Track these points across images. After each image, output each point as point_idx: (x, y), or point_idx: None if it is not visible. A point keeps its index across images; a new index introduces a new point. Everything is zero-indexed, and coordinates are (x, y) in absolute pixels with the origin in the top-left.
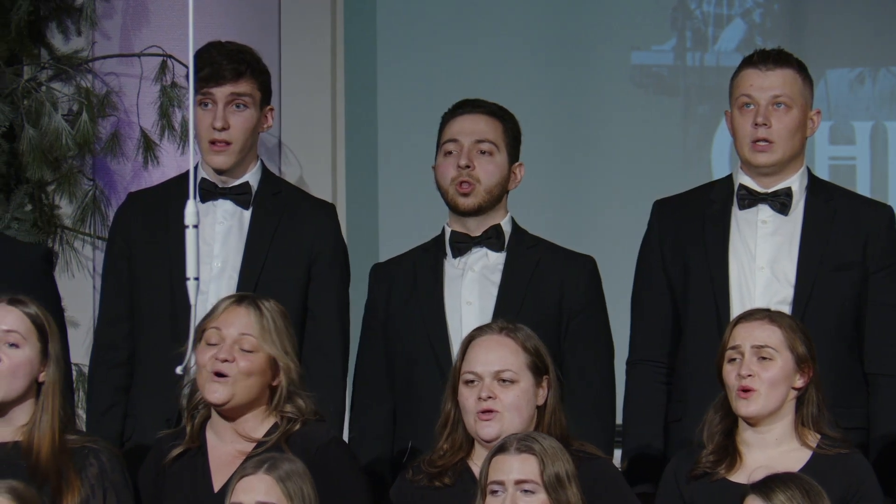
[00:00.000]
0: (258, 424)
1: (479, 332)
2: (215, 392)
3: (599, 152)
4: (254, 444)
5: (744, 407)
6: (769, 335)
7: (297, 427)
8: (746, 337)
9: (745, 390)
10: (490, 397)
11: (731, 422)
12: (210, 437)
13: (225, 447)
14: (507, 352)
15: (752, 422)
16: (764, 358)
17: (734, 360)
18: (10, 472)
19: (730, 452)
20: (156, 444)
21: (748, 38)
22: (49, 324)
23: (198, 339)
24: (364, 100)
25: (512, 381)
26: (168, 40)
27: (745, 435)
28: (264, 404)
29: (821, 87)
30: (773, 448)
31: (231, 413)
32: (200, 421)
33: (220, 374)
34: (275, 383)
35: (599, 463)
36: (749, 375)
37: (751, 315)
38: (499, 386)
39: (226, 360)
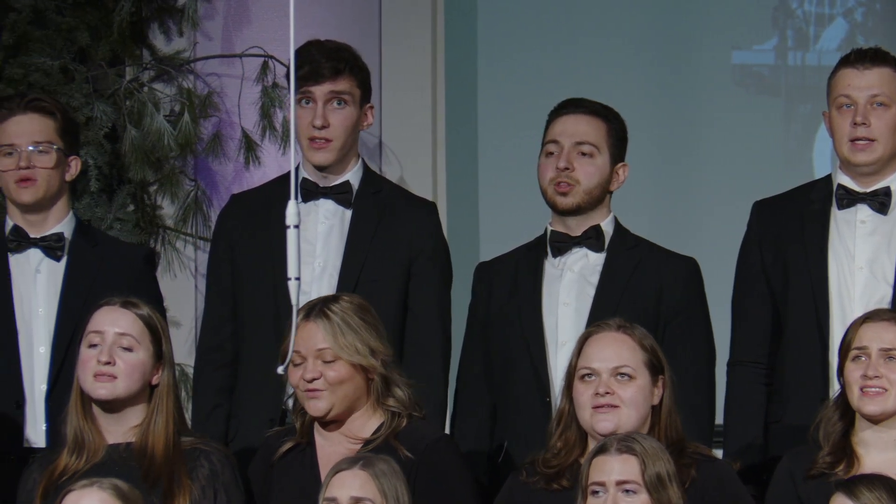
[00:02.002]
0: (365, 422)
1: (595, 328)
2: (315, 407)
3: (700, 152)
4: (361, 444)
5: (869, 405)
6: None
7: (404, 423)
8: (874, 338)
9: (871, 388)
10: (608, 392)
11: (847, 422)
12: (318, 436)
13: (333, 446)
14: (626, 348)
15: (876, 419)
16: (892, 358)
17: (859, 358)
18: (123, 473)
19: (847, 453)
20: (265, 441)
21: (850, 37)
22: (161, 325)
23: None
24: (464, 99)
25: (630, 378)
26: (269, 41)
27: (863, 435)
28: (368, 401)
29: None
30: (892, 450)
31: (336, 419)
32: (310, 419)
33: (314, 391)
34: (369, 377)
35: (716, 465)
36: (876, 377)
37: (876, 315)
38: (616, 382)
39: (314, 379)
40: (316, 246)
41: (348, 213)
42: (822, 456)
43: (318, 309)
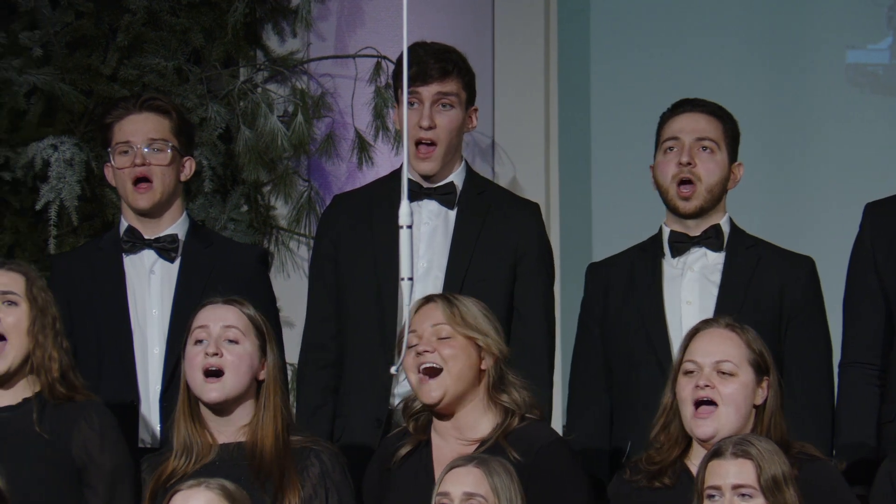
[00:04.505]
0: (478, 419)
1: (704, 324)
2: (429, 395)
3: (813, 152)
4: (475, 445)
5: None
6: None
7: (516, 422)
8: None
9: None
10: (708, 386)
11: None
12: (434, 437)
13: (448, 446)
14: (731, 344)
15: None
16: None
17: None
18: (234, 473)
19: None
20: (382, 443)
21: None
22: (265, 323)
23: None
24: (577, 100)
25: (731, 374)
26: (382, 41)
27: None
28: (480, 394)
29: None
30: None
31: (448, 409)
32: (424, 420)
33: (429, 372)
34: (483, 367)
35: (819, 465)
36: None
37: None
38: (718, 377)
39: (426, 351)
40: (420, 247)
41: (452, 213)
42: None
43: (440, 294)
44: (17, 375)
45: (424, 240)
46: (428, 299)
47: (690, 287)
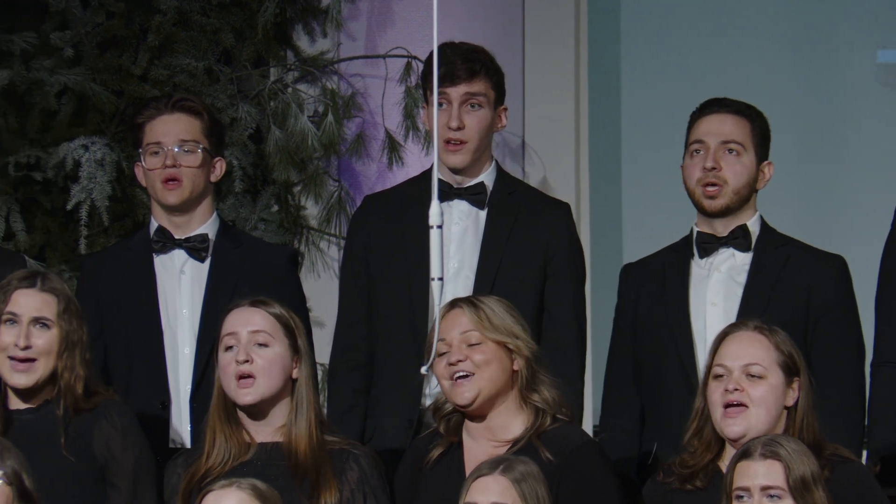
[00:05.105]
0: (510, 420)
1: (732, 328)
2: (462, 396)
3: (845, 152)
4: (507, 445)
5: None
6: None
7: (548, 423)
8: None
9: None
10: (737, 389)
11: None
12: (466, 438)
13: (480, 447)
14: (759, 347)
15: None
16: None
17: None
18: (272, 472)
19: None
20: (413, 445)
21: None
22: (294, 320)
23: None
24: (608, 99)
25: (760, 377)
26: (413, 41)
27: None
28: (512, 395)
29: None
30: None
31: (480, 411)
32: (456, 421)
33: (461, 377)
34: (515, 367)
35: (852, 466)
36: None
37: None
38: (747, 380)
39: (459, 361)
40: (450, 247)
41: (482, 214)
42: None
43: (464, 299)
44: (43, 391)
45: (455, 240)
46: (452, 304)
47: (716, 288)
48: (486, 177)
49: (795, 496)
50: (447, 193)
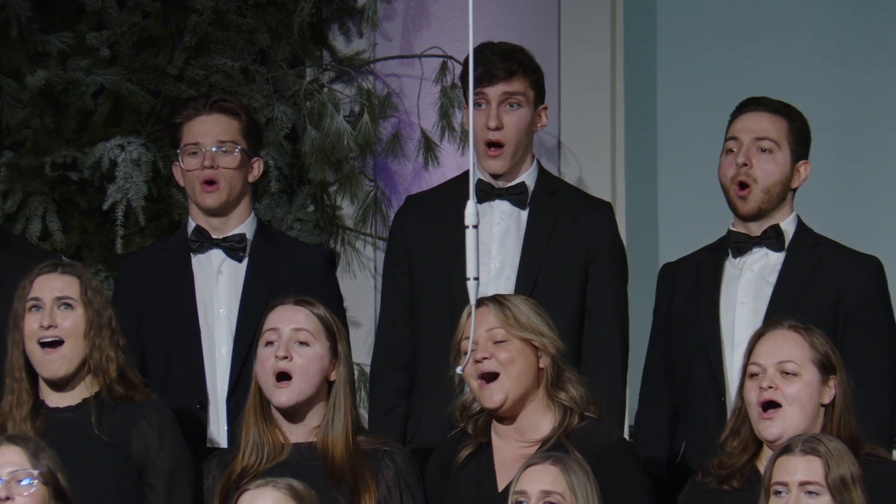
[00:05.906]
0: (538, 420)
1: (768, 327)
2: (491, 399)
3: (886, 152)
4: (536, 445)
5: None
6: None
7: (576, 421)
8: None
9: None
10: (771, 387)
11: None
12: (494, 438)
13: (509, 448)
14: (794, 345)
15: None
16: None
17: None
18: (308, 472)
19: None
20: (441, 445)
21: None
22: (336, 324)
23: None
24: (644, 99)
25: (795, 374)
26: (448, 41)
27: None
28: (540, 394)
29: None
30: None
31: (510, 412)
32: (484, 421)
33: (488, 377)
34: (541, 365)
35: (888, 467)
36: None
37: None
38: (781, 378)
39: (484, 358)
40: (492, 247)
41: (524, 214)
42: None
43: (490, 298)
44: (76, 378)
45: (496, 240)
46: (479, 303)
47: (746, 288)
48: (528, 177)
49: (834, 494)
50: (488, 193)
